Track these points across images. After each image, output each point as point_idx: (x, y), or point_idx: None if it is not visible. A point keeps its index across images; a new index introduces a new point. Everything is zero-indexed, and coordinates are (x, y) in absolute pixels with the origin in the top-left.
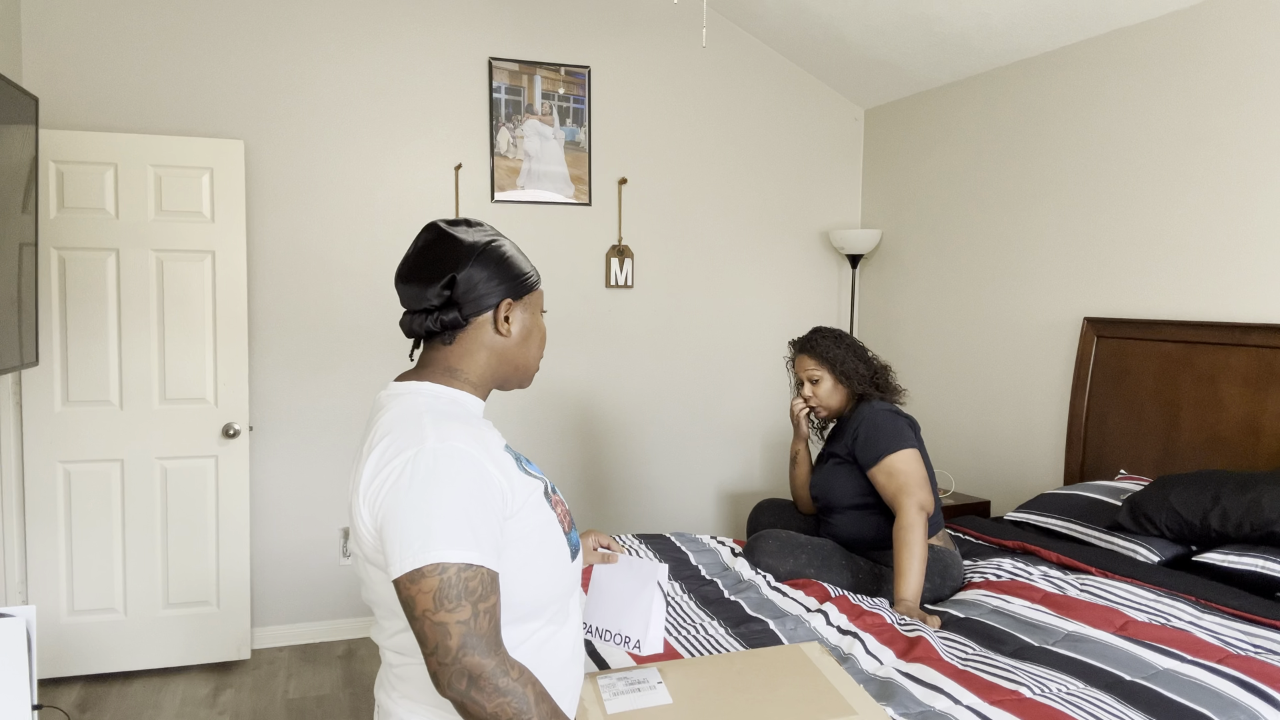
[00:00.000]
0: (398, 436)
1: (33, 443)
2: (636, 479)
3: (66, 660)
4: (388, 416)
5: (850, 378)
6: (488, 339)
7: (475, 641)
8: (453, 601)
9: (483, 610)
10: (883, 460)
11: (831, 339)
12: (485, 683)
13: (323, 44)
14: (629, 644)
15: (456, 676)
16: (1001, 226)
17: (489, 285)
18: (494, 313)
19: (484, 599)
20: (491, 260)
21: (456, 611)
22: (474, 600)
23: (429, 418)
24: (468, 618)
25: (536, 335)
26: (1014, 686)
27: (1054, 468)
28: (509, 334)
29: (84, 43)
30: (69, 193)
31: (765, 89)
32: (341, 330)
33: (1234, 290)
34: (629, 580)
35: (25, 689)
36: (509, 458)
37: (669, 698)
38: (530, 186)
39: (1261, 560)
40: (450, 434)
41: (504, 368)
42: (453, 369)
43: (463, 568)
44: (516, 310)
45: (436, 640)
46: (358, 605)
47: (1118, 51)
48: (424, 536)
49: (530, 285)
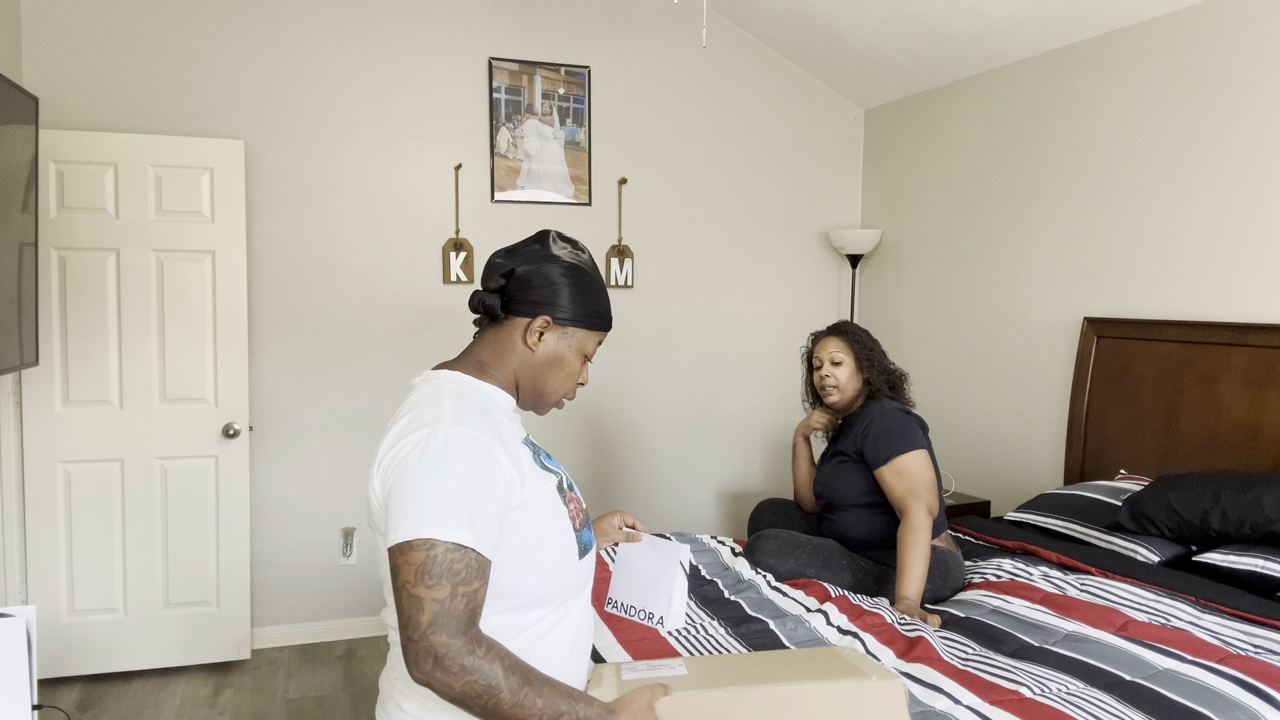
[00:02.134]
0: (418, 415)
1: (33, 443)
2: (636, 479)
3: (66, 660)
4: (413, 397)
5: (872, 369)
6: (516, 344)
7: (445, 621)
8: (434, 578)
9: (462, 593)
10: (893, 460)
11: (863, 331)
12: (450, 662)
13: (323, 44)
14: (653, 619)
15: (422, 655)
16: (1001, 226)
17: (537, 294)
18: (529, 322)
19: (466, 582)
20: (552, 278)
21: (435, 589)
22: (455, 581)
23: (450, 402)
24: (444, 596)
25: (564, 370)
26: (1014, 686)
27: (1054, 468)
28: (534, 350)
29: (84, 43)
30: (69, 193)
31: (765, 89)
32: (341, 330)
33: (1234, 290)
34: (653, 559)
35: (25, 689)
36: (526, 450)
37: (685, 670)
38: (530, 186)
39: (1261, 560)
40: (466, 419)
41: (525, 381)
42: (484, 364)
43: (451, 548)
44: (552, 333)
45: (410, 613)
46: (358, 605)
47: (1118, 51)
48: (420, 511)
49: (576, 319)
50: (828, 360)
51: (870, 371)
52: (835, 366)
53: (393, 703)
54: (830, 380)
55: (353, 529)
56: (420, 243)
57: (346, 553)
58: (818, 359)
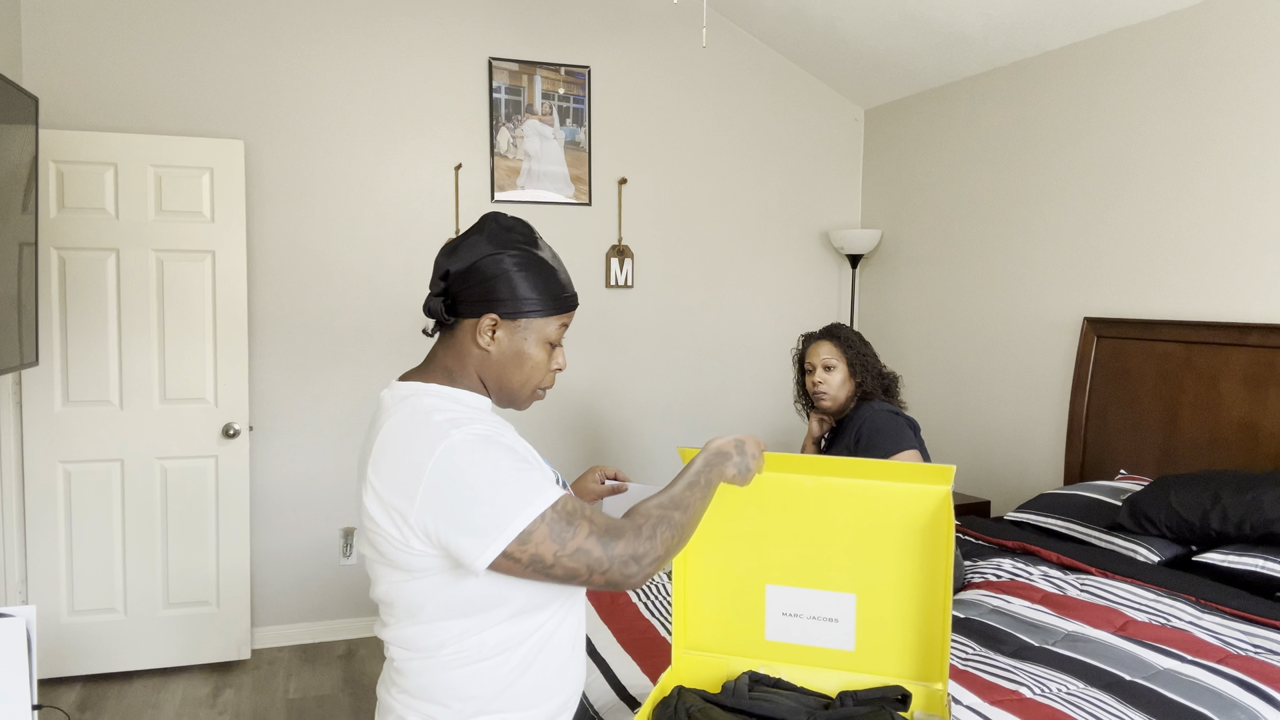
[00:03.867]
0: (416, 444)
1: (33, 443)
2: (636, 479)
3: (66, 660)
4: (393, 421)
5: (864, 373)
6: (471, 347)
7: (608, 540)
8: (569, 530)
9: (585, 515)
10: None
11: (854, 334)
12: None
13: (323, 44)
14: None
15: (620, 575)
16: (1001, 226)
17: (478, 291)
18: (477, 322)
19: (581, 510)
20: (489, 271)
21: (574, 538)
22: (578, 517)
23: (439, 415)
24: (588, 530)
25: (529, 363)
26: (1014, 686)
27: (1054, 468)
28: (489, 350)
29: (84, 43)
30: (69, 193)
31: (765, 89)
32: (341, 330)
33: (1234, 290)
34: None
35: (25, 689)
36: (526, 443)
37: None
38: (530, 186)
39: (1261, 560)
40: (466, 424)
41: (491, 382)
42: (450, 370)
43: (542, 514)
44: (503, 329)
45: (587, 564)
46: (358, 605)
47: (1118, 51)
48: (495, 516)
49: (526, 309)
50: (820, 366)
51: (863, 375)
52: (828, 372)
53: (395, 716)
54: (823, 386)
55: (353, 529)
56: (420, 243)
57: (346, 553)
58: (809, 363)
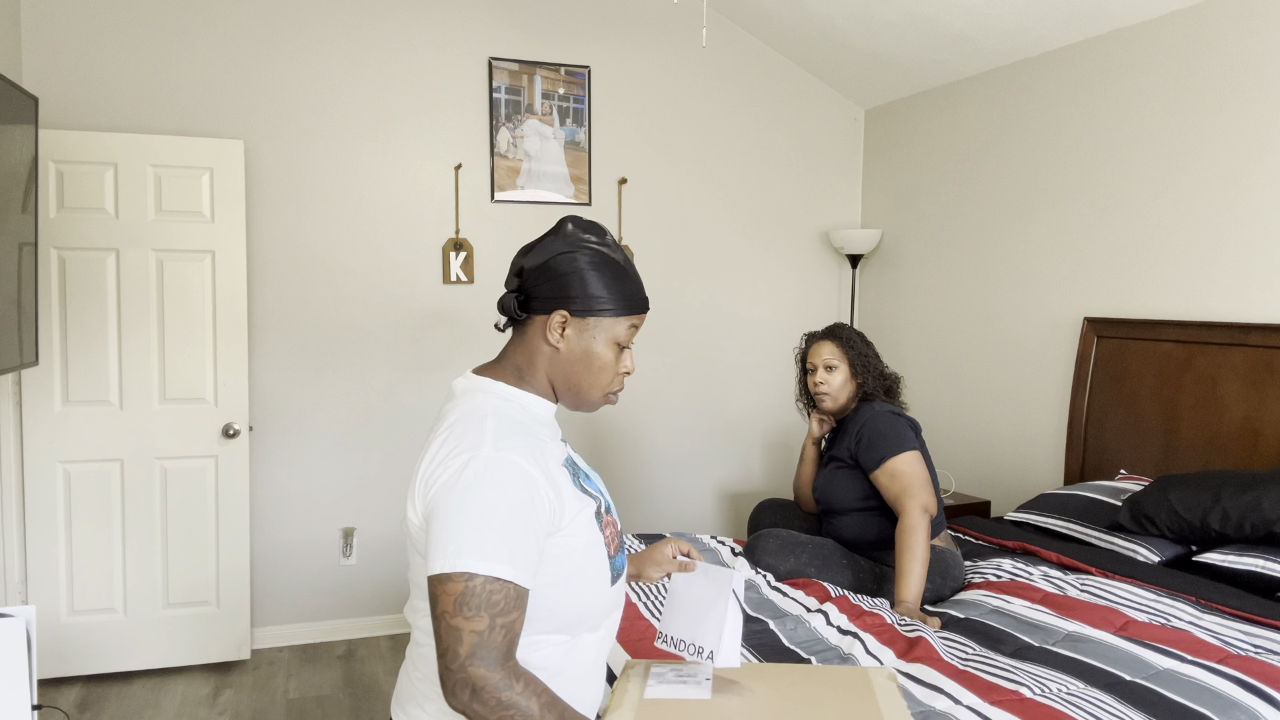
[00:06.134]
0: (460, 437)
1: (33, 443)
2: (636, 479)
3: (66, 660)
4: (456, 412)
5: (866, 374)
6: (541, 344)
7: (484, 653)
8: (472, 610)
9: (500, 624)
10: (885, 463)
11: (857, 334)
12: (488, 695)
13: (322, 44)
14: (702, 654)
15: (460, 686)
16: (1001, 226)
17: (551, 288)
18: (548, 319)
19: (504, 614)
20: (562, 268)
21: (474, 620)
22: (494, 613)
23: (491, 422)
24: (483, 628)
25: (597, 363)
26: (1014, 686)
27: (1054, 468)
28: (558, 348)
29: (84, 43)
30: (69, 193)
31: (765, 89)
32: (341, 330)
33: (1234, 290)
34: (705, 589)
35: (25, 689)
36: (565, 474)
37: (708, 694)
38: (530, 186)
39: (1261, 560)
40: (507, 444)
41: (559, 382)
42: (520, 369)
43: (489, 580)
44: (573, 327)
45: (448, 643)
46: (358, 605)
47: (1118, 51)
48: (459, 542)
49: (596, 308)
50: (821, 366)
51: (864, 376)
52: (829, 372)
53: (415, 704)
54: (824, 387)
55: (353, 529)
56: (420, 243)
57: (346, 553)
58: (811, 363)
